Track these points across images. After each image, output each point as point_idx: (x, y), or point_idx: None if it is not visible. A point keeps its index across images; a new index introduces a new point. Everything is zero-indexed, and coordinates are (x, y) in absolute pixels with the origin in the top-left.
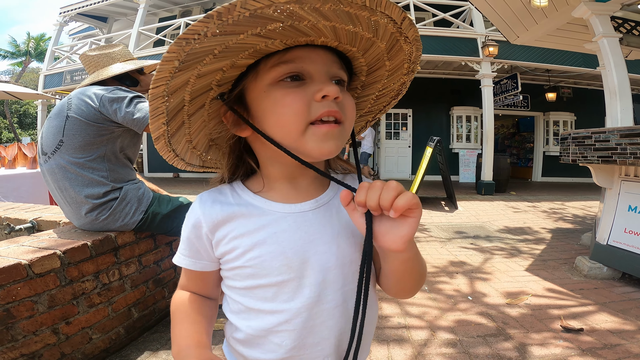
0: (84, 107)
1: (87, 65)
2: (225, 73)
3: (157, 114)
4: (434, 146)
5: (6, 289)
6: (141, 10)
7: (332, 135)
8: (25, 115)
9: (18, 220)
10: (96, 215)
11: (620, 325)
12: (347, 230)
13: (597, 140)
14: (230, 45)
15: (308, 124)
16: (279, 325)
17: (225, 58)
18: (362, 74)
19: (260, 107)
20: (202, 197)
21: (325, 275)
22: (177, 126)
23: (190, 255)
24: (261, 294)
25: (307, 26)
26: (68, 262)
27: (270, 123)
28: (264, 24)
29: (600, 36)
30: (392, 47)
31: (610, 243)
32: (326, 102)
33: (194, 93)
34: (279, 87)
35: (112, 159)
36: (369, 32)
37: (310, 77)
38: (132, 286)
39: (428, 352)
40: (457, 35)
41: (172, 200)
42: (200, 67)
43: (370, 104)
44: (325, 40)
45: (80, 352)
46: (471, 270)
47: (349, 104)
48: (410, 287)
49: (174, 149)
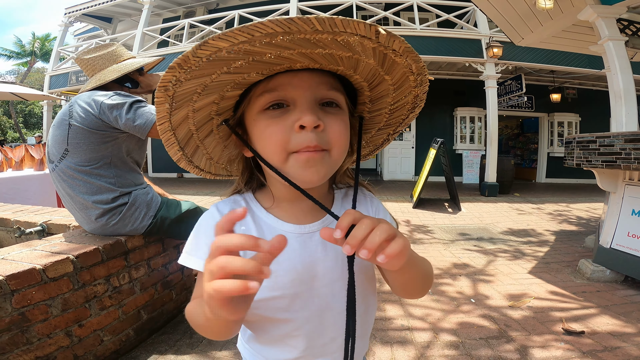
0: (85, 115)
1: (85, 69)
2: (219, 105)
3: (170, 144)
4: (437, 148)
5: (21, 293)
6: (145, 10)
7: (314, 162)
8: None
9: (28, 223)
10: (106, 220)
11: (621, 328)
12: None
13: (601, 144)
14: (209, 84)
15: (289, 154)
16: (293, 331)
17: (211, 94)
18: (365, 89)
19: (252, 133)
20: (219, 207)
21: (333, 287)
22: (192, 149)
23: None
24: (276, 305)
25: (271, 58)
26: (80, 266)
27: (259, 149)
28: (228, 64)
29: (606, 39)
30: (384, 62)
31: (614, 246)
32: (305, 133)
33: (198, 123)
34: (264, 117)
35: (119, 164)
36: (345, 51)
37: (294, 103)
38: (141, 289)
39: (430, 353)
40: (461, 37)
41: (180, 204)
42: (192, 104)
43: (386, 117)
44: (303, 64)
45: (92, 354)
46: (474, 273)
47: (336, 129)
48: (415, 290)
49: (197, 165)
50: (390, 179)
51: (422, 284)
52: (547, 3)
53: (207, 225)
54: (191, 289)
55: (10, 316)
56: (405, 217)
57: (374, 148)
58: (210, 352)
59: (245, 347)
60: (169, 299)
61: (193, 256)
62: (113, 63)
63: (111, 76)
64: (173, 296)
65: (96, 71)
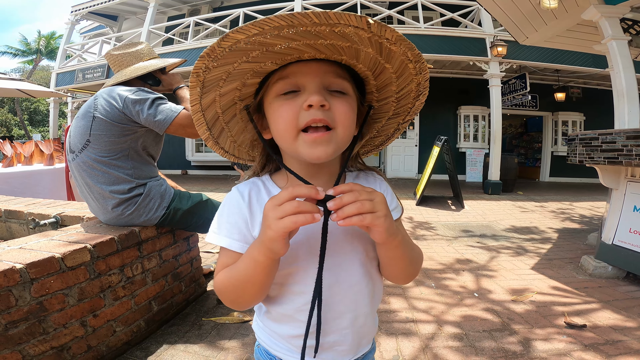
0: (109, 108)
1: (112, 64)
2: (241, 91)
3: (199, 124)
4: (441, 146)
5: (40, 282)
6: (151, 9)
7: (321, 141)
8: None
9: (41, 215)
10: (122, 210)
11: (622, 323)
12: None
13: (603, 141)
14: (232, 72)
15: (299, 131)
16: (304, 305)
17: (234, 80)
18: (370, 78)
19: (268, 116)
20: (240, 188)
21: (342, 260)
22: (219, 131)
23: (239, 239)
24: (292, 278)
25: (282, 48)
26: (97, 255)
27: (273, 130)
28: (247, 53)
29: (610, 38)
30: (381, 50)
31: (616, 243)
32: (312, 110)
33: (224, 107)
34: (279, 100)
35: (136, 157)
36: (344, 41)
37: (304, 88)
38: (152, 280)
39: (435, 344)
40: (466, 35)
41: (192, 196)
42: (218, 89)
43: (394, 106)
44: (310, 54)
45: (105, 344)
46: (477, 268)
47: (341, 109)
48: (401, 270)
49: (222, 147)
50: (394, 176)
51: (406, 266)
52: (551, 2)
53: (230, 205)
54: (200, 282)
55: (28, 305)
56: (409, 214)
57: (386, 138)
58: (219, 342)
59: (259, 324)
60: (179, 290)
61: (217, 234)
62: (139, 61)
63: (137, 73)
64: (182, 288)
65: (123, 67)
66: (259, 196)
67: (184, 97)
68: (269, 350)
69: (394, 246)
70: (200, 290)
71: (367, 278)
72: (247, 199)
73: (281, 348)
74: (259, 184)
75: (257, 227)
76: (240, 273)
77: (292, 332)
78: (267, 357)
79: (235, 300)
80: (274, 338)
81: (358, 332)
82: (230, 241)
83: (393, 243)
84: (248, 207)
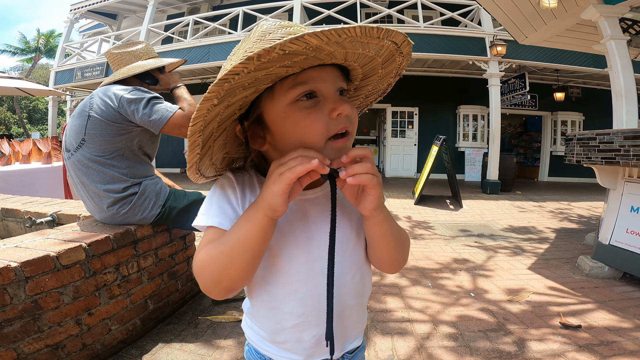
0: (104, 107)
1: (112, 63)
2: (247, 99)
3: (193, 147)
4: (440, 145)
5: (35, 280)
6: (150, 7)
7: (345, 147)
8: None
9: (38, 213)
10: (117, 209)
11: (617, 323)
12: (346, 213)
13: (601, 141)
14: (260, 77)
15: (326, 139)
16: (289, 294)
17: (251, 87)
18: (357, 80)
19: (281, 126)
20: (233, 172)
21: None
22: (205, 151)
23: (232, 219)
24: (276, 268)
25: (326, 54)
26: (92, 254)
27: (291, 140)
28: (292, 58)
29: (609, 38)
30: (388, 60)
31: (612, 243)
32: (341, 118)
33: (222, 120)
34: (297, 108)
35: (131, 156)
36: (374, 53)
37: (322, 94)
38: (148, 278)
39: (430, 344)
40: (465, 35)
41: (188, 195)
42: (230, 99)
43: (360, 101)
44: (335, 60)
45: (100, 342)
46: (474, 268)
47: (355, 114)
48: (389, 251)
49: (199, 169)
50: (393, 175)
51: (394, 246)
52: (550, 2)
53: (222, 186)
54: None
55: (23, 303)
56: (407, 214)
57: (365, 106)
58: (215, 340)
59: (248, 323)
60: (175, 289)
61: (205, 215)
62: (138, 59)
63: (134, 71)
64: (179, 287)
65: (122, 65)
66: (250, 183)
67: (180, 97)
68: (259, 349)
69: (381, 219)
70: (196, 288)
71: (355, 268)
72: (241, 182)
73: (269, 347)
74: (251, 174)
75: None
76: (231, 240)
77: (280, 325)
78: (257, 357)
79: (217, 279)
80: (262, 337)
81: (343, 327)
82: (220, 220)
83: (381, 216)
84: (241, 189)
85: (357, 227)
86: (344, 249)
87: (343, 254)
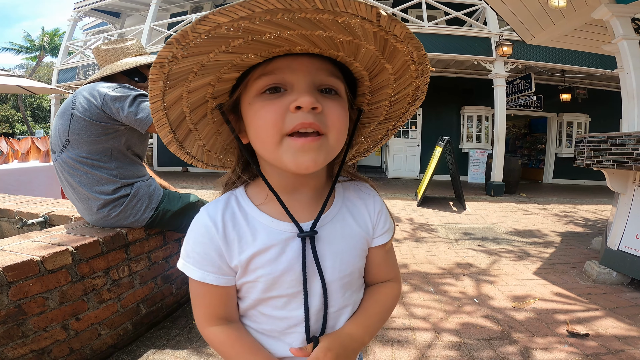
0: (88, 106)
1: (99, 59)
2: (215, 87)
3: (160, 124)
4: (443, 146)
5: (18, 285)
6: (153, 5)
7: (309, 148)
8: (39, 108)
9: (31, 214)
10: (108, 212)
11: (625, 331)
12: (350, 244)
13: (612, 144)
14: (206, 64)
15: (283, 136)
16: (289, 328)
17: (207, 74)
18: (365, 79)
19: (246, 117)
20: (210, 212)
21: (330, 287)
22: (185, 133)
23: (214, 272)
24: (273, 304)
25: (271, 38)
26: (79, 258)
27: (251, 134)
28: (227, 42)
29: (620, 38)
30: (385, 48)
31: (621, 248)
32: (301, 113)
33: (192, 105)
34: (260, 99)
35: (119, 157)
36: (345, 35)
37: (292, 87)
38: (141, 282)
39: (431, 354)
40: (470, 34)
41: (182, 197)
42: (187, 84)
43: (386, 110)
44: (303, 47)
45: (88, 347)
46: (478, 273)
47: (335, 113)
48: None
49: (189, 152)
50: (395, 176)
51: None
52: (560, 1)
53: (198, 233)
54: None
55: (6, 308)
56: (409, 215)
57: (373, 144)
58: (208, 347)
59: None
60: (169, 293)
61: (186, 263)
62: (127, 56)
63: (121, 68)
64: (173, 290)
65: (109, 62)
66: (234, 221)
67: None
68: None
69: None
70: None
71: (351, 301)
72: (222, 228)
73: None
74: (232, 205)
75: (236, 257)
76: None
77: (277, 350)
78: None
79: None
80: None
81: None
82: (202, 273)
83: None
84: (223, 237)
85: (362, 256)
86: (346, 282)
87: (345, 287)
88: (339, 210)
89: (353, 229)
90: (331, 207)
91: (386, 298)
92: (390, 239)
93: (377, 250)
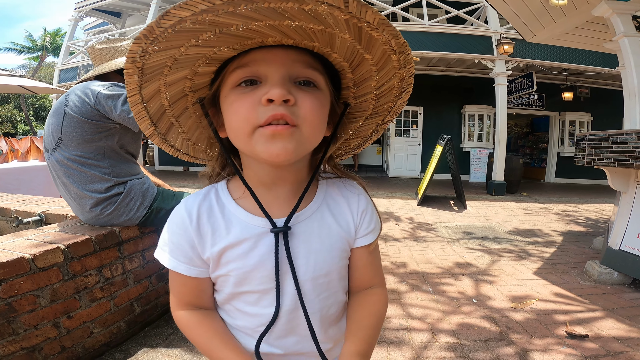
0: (80, 104)
1: (94, 58)
2: (193, 80)
3: (140, 117)
4: (444, 145)
5: (9, 282)
6: (154, 5)
7: (281, 136)
8: (41, 108)
9: (27, 213)
10: (100, 210)
11: (626, 333)
12: (327, 243)
13: (614, 142)
14: (179, 58)
15: (256, 128)
16: (260, 326)
17: (182, 68)
18: (347, 71)
19: (223, 110)
20: (188, 205)
21: (303, 286)
22: (167, 126)
23: (185, 262)
24: (245, 299)
25: (239, 30)
26: (71, 256)
27: (227, 127)
28: (195, 35)
29: (621, 35)
30: (361, 37)
31: (623, 248)
32: (273, 106)
33: (172, 99)
34: (235, 92)
35: (113, 155)
36: (316, 24)
37: (265, 79)
38: (135, 281)
39: (427, 355)
40: (471, 33)
41: (176, 195)
42: (163, 78)
43: (372, 104)
44: (275, 39)
45: (80, 345)
46: (477, 272)
47: (308, 104)
48: None
49: (173, 145)
50: (396, 175)
51: None
52: None
53: (174, 224)
54: None
55: None
56: (410, 215)
57: (363, 140)
58: None
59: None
60: (164, 291)
61: (162, 250)
62: (122, 56)
63: (115, 67)
64: (168, 289)
65: (103, 61)
66: (210, 214)
67: None
68: None
69: None
70: None
71: (328, 304)
72: (196, 220)
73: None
74: (211, 197)
75: (208, 249)
76: (205, 351)
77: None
78: None
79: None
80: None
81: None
82: (175, 262)
83: None
84: (196, 229)
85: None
86: (322, 283)
87: (320, 288)
88: (319, 207)
89: (332, 228)
90: (310, 204)
91: (378, 308)
92: (375, 240)
93: (360, 251)
